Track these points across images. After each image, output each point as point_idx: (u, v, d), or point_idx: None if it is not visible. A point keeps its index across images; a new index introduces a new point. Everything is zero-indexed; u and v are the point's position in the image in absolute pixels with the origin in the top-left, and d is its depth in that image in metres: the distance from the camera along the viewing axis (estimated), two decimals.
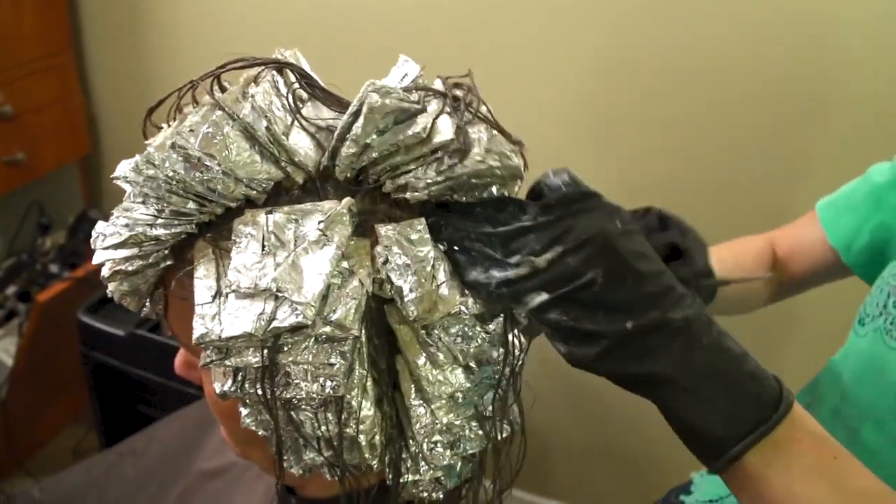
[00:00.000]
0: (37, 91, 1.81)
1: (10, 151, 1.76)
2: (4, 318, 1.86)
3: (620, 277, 0.47)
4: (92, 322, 1.51)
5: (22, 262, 1.92)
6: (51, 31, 1.82)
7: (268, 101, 0.51)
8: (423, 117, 0.50)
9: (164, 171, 0.48)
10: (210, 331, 0.47)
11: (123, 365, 1.52)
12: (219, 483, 0.86)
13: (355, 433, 0.51)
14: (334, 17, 1.62)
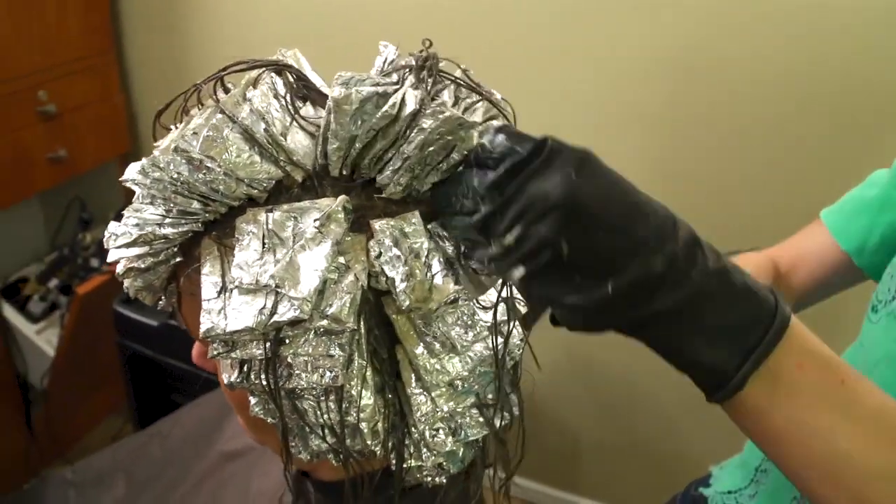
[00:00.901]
0: (79, 90, 1.86)
1: (52, 149, 1.81)
2: (47, 310, 1.92)
3: (588, 238, 0.43)
4: (127, 312, 1.55)
5: (63, 257, 1.98)
6: (93, 32, 1.87)
7: (265, 103, 0.52)
8: (395, 96, 0.50)
9: (169, 174, 0.50)
10: (216, 325, 0.49)
11: (157, 354, 1.56)
12: (237, 464, 0.88)
13: (357, 421, 0.52)
14: (361, 15, 1.64)
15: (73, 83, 1.84)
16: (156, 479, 0.95)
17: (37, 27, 1.71)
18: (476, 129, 0.50)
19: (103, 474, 1.01)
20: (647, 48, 1.44)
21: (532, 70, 1.55)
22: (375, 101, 0.49)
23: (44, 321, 1.90)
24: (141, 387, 1.70)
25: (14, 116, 1.71)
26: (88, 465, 1.04)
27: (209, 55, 1.87)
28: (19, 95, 1.71)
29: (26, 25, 1.68)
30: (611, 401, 1.81)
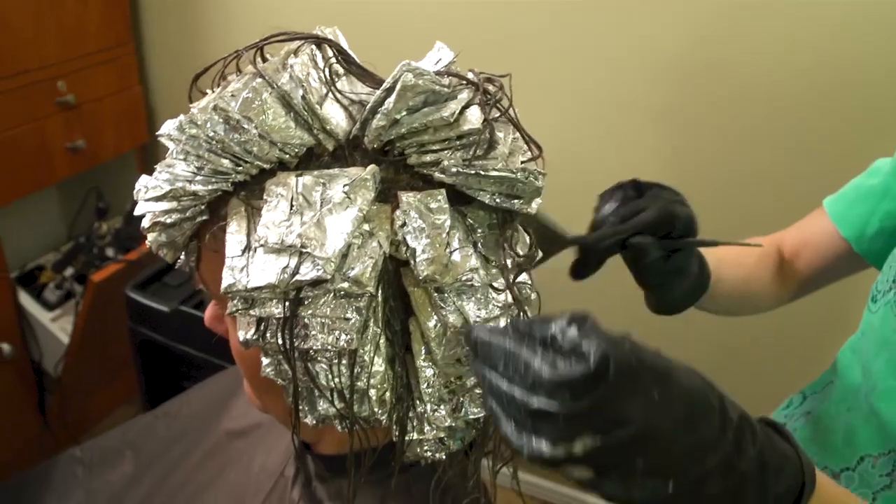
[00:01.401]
0: (99, 81, 1.89)
1: (71, 138, 1.84)
2: (63, 298, 1.94)
3: (660, 455, 0.43)
4: (139, 298, 1.57)
5: (80, 245, 2.00)
6: (113, 24, 1.89)
7: (305, 72, 0.54)
8: (453, 103, 0.53)
9: (205, 131, 0.52)
10: (237, 281, 0.50)
11: (168, 340, 1.58)
12: (243, 442, 0.89)
13: (366, 387, 0.53)
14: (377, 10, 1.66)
15: (92, 75, 1.87)
16: (162, 456, 0.97)
17: (58, 19, 1.74)
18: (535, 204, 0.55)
19: (111, 452, 1.03)
20: (658, 48, 1.45)
21: (545, 69, 1.56)
22: (426, 97, 0.52)
23: (59, 309, 1.92)
24: (152, 373, 1.72)
25: (35, 107, 1.74)
26: (97, 444, 1.05)
27: (227, 49, 1.88)
28: (40, 86, 1.74)
29: (48, 18, 1.71)
30: None
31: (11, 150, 1.71)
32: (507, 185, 0.54)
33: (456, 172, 0.53)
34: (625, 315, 1.11)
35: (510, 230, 0.57)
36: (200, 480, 0.89)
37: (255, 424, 0.90)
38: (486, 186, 0.54)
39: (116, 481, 0.98)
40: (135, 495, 0.94)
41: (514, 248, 0.57)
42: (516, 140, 0.56)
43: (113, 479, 0.99)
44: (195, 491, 0.88)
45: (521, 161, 0.55)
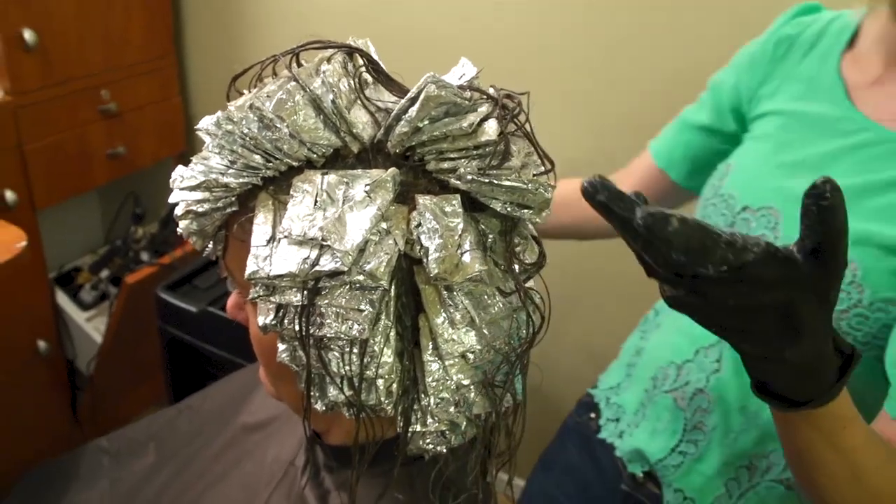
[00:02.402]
0: (140, 91, 1.95)
1: (112, 145, 1.91)
2: (98, 298, 2.00)
3: None
4: (168, 298, 1.62)
5: (116, 249, 2.06)
6: (156, 36, 1.96)
7: (336, 78, 0.58)
8: (473, 115, 0.56)
9: (240, 128, 0.56)
10: (261, 269, 0.54)
11: (195, 340, 1.62)
12: (258, 435, 0.93)
13: (374, 376, 0.56)
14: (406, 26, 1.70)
15: (134, 84, 1.94)
16: (183, 448, 1.00)
17: (103, 31, 1.81)
18: (544, 214, 0.59)
19: (136, 443, 1.07)
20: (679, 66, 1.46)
21: (565, 86, 1.59)
22: (447, 108, 0.56)
23: (94, 309, 1.98)
24: (179, 372, 1.77)
25: (78, 113, 1.81)
26: (123, 435, 1.10)
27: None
28: (84, 94, 1.81)
29: (94, 29, 1.78)
30: None
31: (55, 154, 1.78)
32: (518, 194, 0.57)
33: (471, 180, 0.56)
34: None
35: (517, 237, 0.60)
36: (217, 471, 0.92)
37: (271, 418, 0.93)
38: (498, 195, 0.57)
39: (139, 471, 1.02)
40: (155, 484, 0.98)
41: (518, 254, 0.60)
42: (530, 154, 0.59)
43: (136, 468, 1.03)
44: (212, 481, 0.91)
45: (533, 174, 0.58)
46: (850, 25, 0.91)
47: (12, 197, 1.69)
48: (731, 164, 0.96)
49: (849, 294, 0.79)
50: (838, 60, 0.90)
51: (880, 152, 0.83)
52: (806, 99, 0.91)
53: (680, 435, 0.97)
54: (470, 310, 0.57)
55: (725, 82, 1.02)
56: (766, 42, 0.98)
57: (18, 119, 1.67)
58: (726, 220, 0.92)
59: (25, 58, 1.64)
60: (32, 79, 1.67)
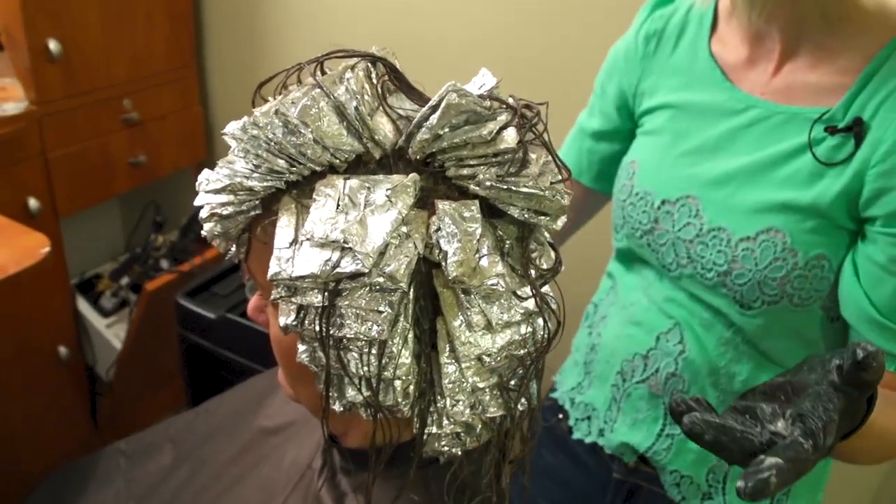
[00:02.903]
0: (161, 101, 1.98)
1: (133, 153, 1.94)
2: (118, 305, 2.03)
3: None
4: (187, 304, 1.64)
5: (136, 256, 2.09)
6: (177, 47, 2.00)
7: (360, 86, 0.59)
8: (492, 123, 0.58)
9: (265, 133, 0.57)
10: (283, 270, 0.56)
11: (213, 346, 1.64)
12: (276, 439, 0.94)
13: (392, 377, 0.58)
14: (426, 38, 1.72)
15: (156, 94, 1.97)
16: (199, 450, 1.01)
17: (127, 42, 1.85)
18: (560, 221, 0.61)
19: (153, 445, 1.08)
20: None
21: None
22: (468, 117, 0.57)
23: (114, 316, 2.01)
24: (198, 378, 1.78)
25: (101, 123, 1.84)
26: (141, 438, 1.11)
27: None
28: (107, 103, 1.84)
29: (117, 41, 1.82)
30: None
31: (78, 162, 1.81)
32: (535, 201, 0.58)
33: (489, 186, 0.57)
34: None
35: (533, 243, 0.61)
36: (234, 473, 0.93)
37: (289, 422, 0.94)
38: (516, 201, 0.58)
39: (155, 472, 1.03)
40: (171, 485, 0.99)
41: (534, 260, 0.61)
42: (548, 163, 0.60)
43: (152, 469, 1.04)
44: (229, 483, 0.92)
45: (550, 181, 0.59)
46: (709, 11, 0.95)
47: (36, 204, 1.72)
48: (636, 162, 0.99)
49: (784, 260, 0.84)
50: (707, 45, 0.94)
51: (772, 125, 0.87)
52: (688, 88, 0.95)
53: (662, 419, 1.00)
54: (487, 313, 0.58)
55: (607, 83, 1.06)
56: (633, 40, 1.01)
57: (42, 128, 1.70)
58: (648, 216, 0.95)
59: (50, 68, 1.67)
60: (56, 88, 1.70)
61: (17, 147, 1.66)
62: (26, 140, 1.67)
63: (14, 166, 1.67)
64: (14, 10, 1.57)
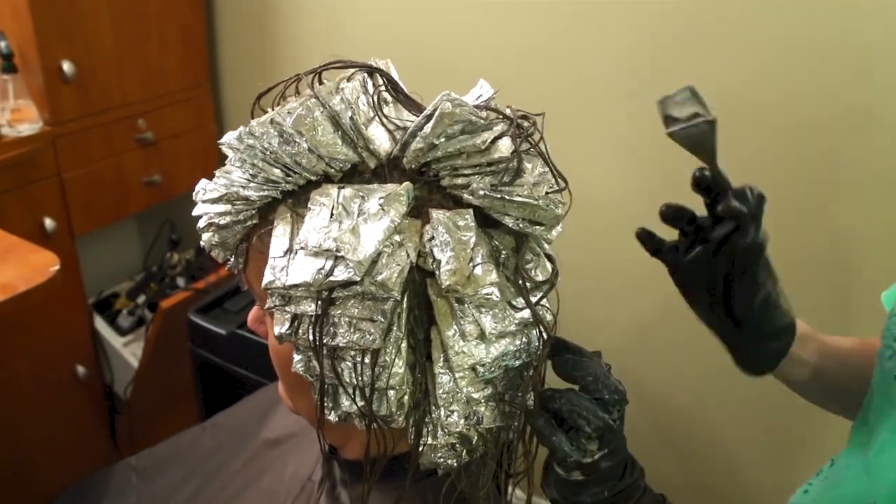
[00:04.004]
0: (176, 120, 2.00)
1: (148, 173, 1.95)
2: (135, 324, 2.04)
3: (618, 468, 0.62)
4: (199, 321, 1.65)
5: (152, 274, 2.10)
6: (191, 67, 2.01)
7: (355, 96, 0.59)
8: (487, 133, 0.58)
9: (261, 143, 0.58)
10: (277, 279, 0.56)
11: (224, 362, 1.64)
12: (278, 450, 0.93)
13: (386, 387, 0.57)
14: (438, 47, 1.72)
15: (170, 113, 1.98)
16: (206, 464, 1.01)
17: (140, 62, 1.86)
18: (555, 232, 0.62)
19: (162, 461, 1.09)
20: None
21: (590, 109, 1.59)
22: (463, 126, 0.57)
23: (131, 334, 2.01)
24: (210, 394, 1.79)
25: (116, 142, 1.86)
26: (151, 454, 1.11)
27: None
28: (121, 123, 1.86)
29: (131, 60, 1.83)
30: (672, 437, 1.78)
31: (93, 182, 1.83)
32: (529, 210, 0.58)
33: (483, 195, 0.57)
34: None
35: (529, 253, 0.61)
36: (238, 486, 0.93)
37: (290, 434, 0.94)
38: (510, 211, 0.58)
39: (165, 487, 1.04)
40: (179, 500, 0.99)
41: (528, 271, 0.60)
42: (545, 173, 0.60)
43: (162, 485, 1.04)
44: (232, 495, 0.92)
45: (547, 191, 0.58)
46: None
47: (51, 224, 1.73)
48: None
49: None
50: None
51: None
52: None
53: None
54: (480, 323, 0.57)
55: None
56: None
57: (57, 148, 1.71)
58: None
59: (64, 89, 1.69)
60: (71, 109, 1.72)
61: (32, 167, 1.68)
62: (41, 160, 1.69)
63: (29, 186, 1.69)
64: (28, 31, 1.59)
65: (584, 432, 0.60)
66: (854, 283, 1.37)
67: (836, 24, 1.29)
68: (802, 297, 1.05)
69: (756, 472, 1.68)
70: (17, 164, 1.63)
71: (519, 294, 0.59)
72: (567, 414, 0.60)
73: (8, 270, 1.20)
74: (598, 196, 1.60)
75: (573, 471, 0.62)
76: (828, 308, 0.95)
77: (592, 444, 0.61)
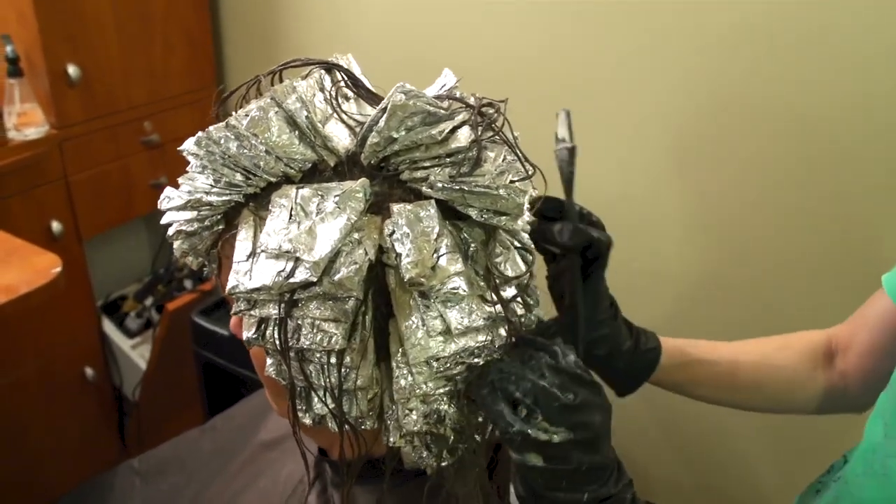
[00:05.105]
0: (181, 122, 2.00)
1: (155, 175, 1.96)
2: (143, 326, 2.04)
3: (599, 471, 0.58)
4: (202, 322, 1.65)
5: (159, 277, 2.11)
6: (197, 69, 2.01)
7: (311, 94, 0.59)
8: (445, 123, 0.56)
9: (220, 147, 0.57)
10: (240, 283, 0.55)
11: (227, 363, 1.64)
12: (274, 452, 0.93)
13: (354, 387, 0.56)
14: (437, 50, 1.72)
15: (176, 116, 1.98)
16: (205, 467, 1.02)
17: (146, 65, 1.87)
18: (521, 221, 0.61)
19: (164, 464, 1.09)
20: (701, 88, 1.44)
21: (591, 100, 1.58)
22: (423, 118, 0.55)
23: (139, 336, 2.02)
24: (214, 395, 1.79)
25: (122, 145, 1.86)
26: (153, 456, 1.12)
27: None
28: (127, 126, 1.86)
29: (136, 63, 1.84)
30: (684, 439, 1.77)
31: (99, 185, 1.83)
32: (490, 200, 0.56)
33: (441, 188, 0.56)
34: None
35: (499, 246, 0.59)
36: (235, 488, 0.93)
37: (286, 436, 0.93)
38: (472, 202, 0.56)
39: (166, 490, 1.04)
40: (179, 503, 0.99)
41: (497, 265, 0.59)
42: (513, 162, 0.58)
43: (163, 488, 1.05)
44: (229, 498, 0.92)
45: (513, 179, 0.57)
46: None
47: (58, 227, 1.74)
48: None
49: None
50: None
51: None
52: None
53: None
54: (446, 317, 0.55)
55: None
56: None
57: (63, 151, 1.72)
58: None
59: (70, 92, 1.69)
60: (76, 112, 1.73)
61: (39, 171, 1.68)
62: (48, 164, 1.70)
63: (36, 190, 1.69)
64: (33, 36, 1.60)
65: (515, 398, 0.57)
66: (859, 281, 1.35)
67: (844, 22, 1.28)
68: (812, 296, 1.04)
69: (766, 472, 1.67)
70: (23, 168, 1.64)
71: (488, 289, 0.57)
72: (497, 383, 0.57)
73: (10, 272, 1.21)
74: (603, 195, 1.59)
75: (527, 452, 0.56)
76: (834, 306, 0.93)
77: (557, 426, 0.57)
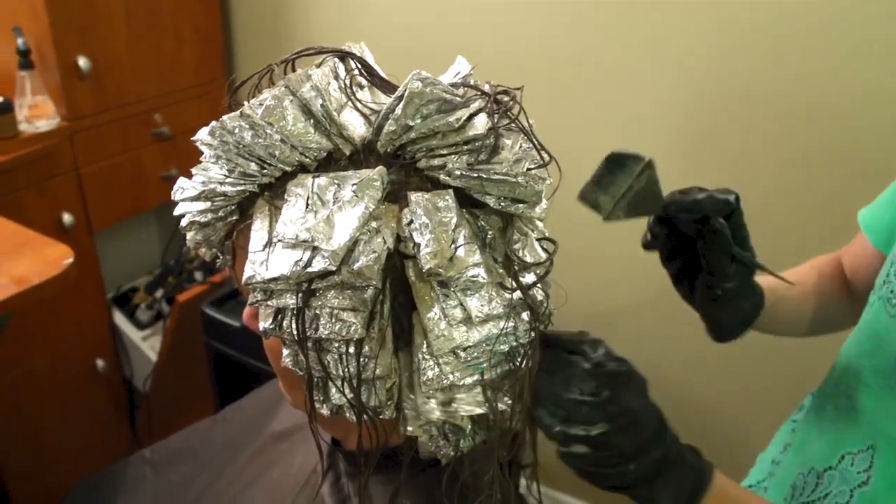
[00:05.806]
0: (191, 114, 2.00)
1: (166, 167, 1.96)
2: (153, 318, 2.05)
3: (644, 444, 0.60)
4: (213, 313, 1.65)
5: (170, 269, 2.12)
6: (207, 62, 2.02)
7: (326, 82, 0.58)
8: (462, 111, 0.56)
9: (234, 136, 0.56)
10: (256, 273, 0.55)
11: (238, 354, 1.65)
12: (285, 443, 0.93)
13: (373, 377, 0.56)
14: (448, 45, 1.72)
15: (186, 108, 1.98)
16: (216, 458, 1.01)
17: (156, 57, 1.87)
18: (539, 208, 0.60)
19: (175, 454, 1.09)
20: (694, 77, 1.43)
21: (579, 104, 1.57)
22: (439, 105, 0.55)
23: (150, 328, 2.03)
24: (225, 386, 1.80)
25: (132, 137, 1.87)
26: (164, 447, 1.12)
27: None
28: (138, 118, 1.87)
29: (146, 56, 1.84)
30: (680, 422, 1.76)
31: (110, 177, 1.84)
32: (508, 188, 0.56)
33: (460, 175, 0.55)
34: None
35: (516, 233, 0.59)
36: (246, 479, 0.93)
37: (298, 426, 0.93)
38: (490, 190, 0.56)
39: (178, 481, 1.04)
40: (191, 494, 0.99)
41: (516, 251, 0.58)
42: (529, 149, 0.58)
43: (175, 478, 1.05)
44: (241, 488, 0.92)
45: (529, 167, 0.57)
46: None
47: (70, 219, 1.75)
48: None
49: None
50: None
51: None
52: None
53: None
54: (466, 305, 0.55)
55: None
56: None
57: (74, 144, 1.73)
58: None
59: (80, 85, 1.70)
60: (87, 105, 1.73)
61: (50, 163, 1.69)
62: (59, 156, 1.70)
63: (47, 182, 1.70)
64: (44, 28, 1.61)
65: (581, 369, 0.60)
66: None
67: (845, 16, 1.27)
68: None
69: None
70: (34, 160, 1.64)
71: (507, 276, 0.57)
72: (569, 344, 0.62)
73: (22, 264, 1.21)
74: None
75: (571, 445, 0.60)
76: None
77: (595, 423, 0.59)
